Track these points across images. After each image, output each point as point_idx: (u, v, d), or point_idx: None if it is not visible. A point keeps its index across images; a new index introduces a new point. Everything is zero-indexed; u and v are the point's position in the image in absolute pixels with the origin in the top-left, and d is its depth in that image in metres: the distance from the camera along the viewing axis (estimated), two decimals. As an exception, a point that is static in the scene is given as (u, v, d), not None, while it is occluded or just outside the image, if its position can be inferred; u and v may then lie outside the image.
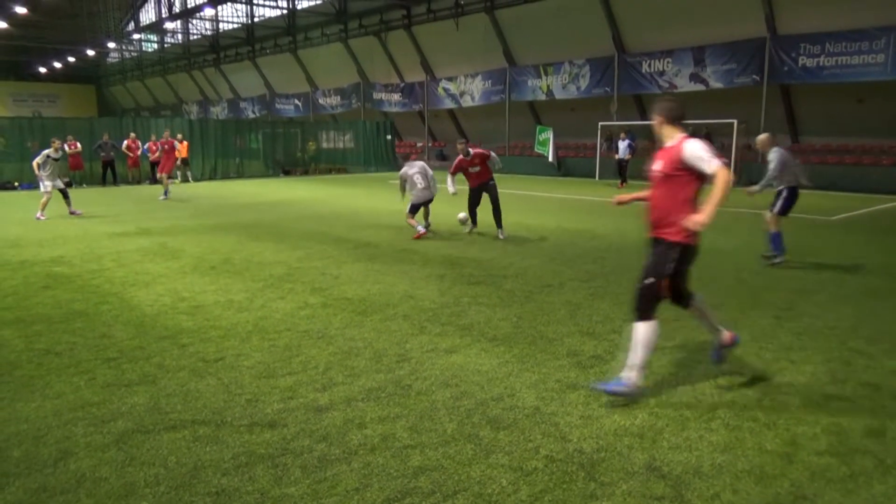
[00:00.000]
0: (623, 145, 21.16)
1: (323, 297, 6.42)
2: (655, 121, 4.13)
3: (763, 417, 3.82)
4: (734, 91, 21.85)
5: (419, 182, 10.14)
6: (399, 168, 31.14)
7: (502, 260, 8.33)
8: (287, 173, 28.00)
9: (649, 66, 23.60)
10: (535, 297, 6.37)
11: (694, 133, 24.96)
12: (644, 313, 3.83)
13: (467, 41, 30.06)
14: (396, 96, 35.34)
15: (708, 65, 21.98)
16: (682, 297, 4.07)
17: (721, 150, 23.07)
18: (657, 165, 4.02)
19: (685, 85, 22.57)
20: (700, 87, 22.27)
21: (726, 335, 4.33)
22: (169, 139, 18.51)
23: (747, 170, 21.56)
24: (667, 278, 3.86)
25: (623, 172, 20.96)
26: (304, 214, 13.50)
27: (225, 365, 4.62)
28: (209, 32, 48.73)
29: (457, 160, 10.30)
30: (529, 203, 16.52)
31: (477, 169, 10.22)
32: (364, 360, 4.64)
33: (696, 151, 3.85)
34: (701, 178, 3.86)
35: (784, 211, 7.72)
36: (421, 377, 4.39)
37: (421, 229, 10.06)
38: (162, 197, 16.81)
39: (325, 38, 37.47)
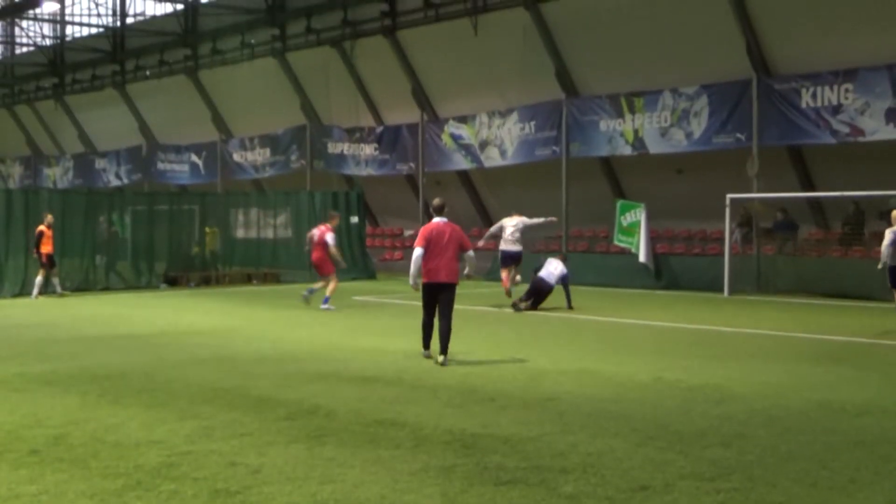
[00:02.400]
0: (555, 271, 20.50)
1: (231, 507, 6.34)
2: None
3: None
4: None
5: (505, 232, 20.74)
6: (374, 275, 31.56)
7: (557, 440, 8.24)
8: (173, 283, 28.31)
9: (813, 96, 24.28)
10: (620, 510, 6.28)
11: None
12: None
13: (493, 54, 31.18)
14: (369, 149, 36.28)
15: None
16: None
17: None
18: None
19: (879, 129, 23.13)
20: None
21: None
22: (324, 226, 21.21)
23: None
24: None
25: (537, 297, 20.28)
26: (200, 357, 13.47)
27: None
28: (48, 42, 50.87)
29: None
30: (606, 335, 16.38)
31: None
32: None
33: None
34: None
35: None
36: None
37: (506, 287, 20.99)
38: (324, 306, 20.45)
39: (248, 49, 39.04)
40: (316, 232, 21.03)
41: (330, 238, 20.74)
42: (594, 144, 29.06)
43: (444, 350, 12.63)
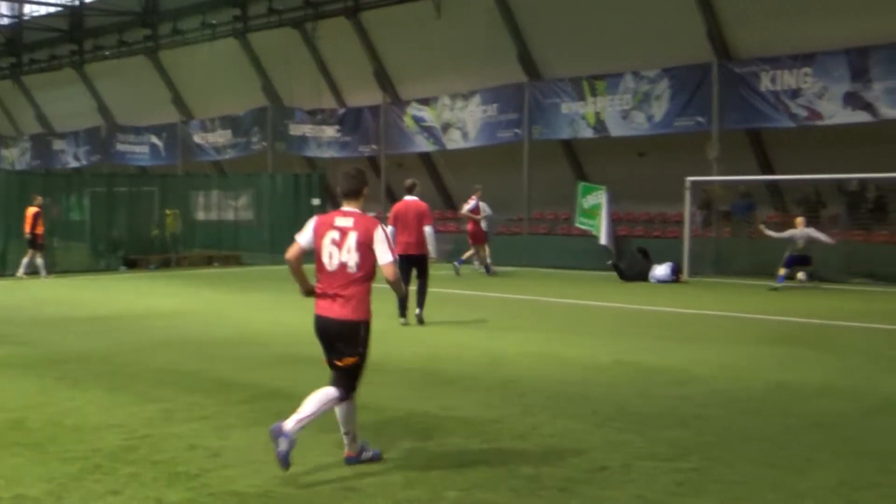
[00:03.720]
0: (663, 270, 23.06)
1: (191, 490, 6.30)
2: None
3: None
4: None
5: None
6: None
7: (518, 421, 8.29)
8: (132, 265, 28.11)
9: (773, 80, 24.49)
10: (579, 490, 6.31)
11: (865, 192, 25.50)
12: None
13: (455, 37, 31.18)
14: (331, 131, 36.20)
15: (876, 79, 22.81)
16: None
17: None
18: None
19: (837, 112, 23.37)
20: (864, 117, 23.04)
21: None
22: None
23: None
24: None
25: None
26: (160, 340, 13.45)
27: None
28: (5, 21, 50.22)
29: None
30: (568, 318, 16.49)
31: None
32: None
33: None
34: None
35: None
36: None
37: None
38: (479, 268, 25.79)
39: (208, 30, 38.78)
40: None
41: (469, 206, 25.83)
42: (556, 127, 29.15)
43: (420, 304, 14.68)
